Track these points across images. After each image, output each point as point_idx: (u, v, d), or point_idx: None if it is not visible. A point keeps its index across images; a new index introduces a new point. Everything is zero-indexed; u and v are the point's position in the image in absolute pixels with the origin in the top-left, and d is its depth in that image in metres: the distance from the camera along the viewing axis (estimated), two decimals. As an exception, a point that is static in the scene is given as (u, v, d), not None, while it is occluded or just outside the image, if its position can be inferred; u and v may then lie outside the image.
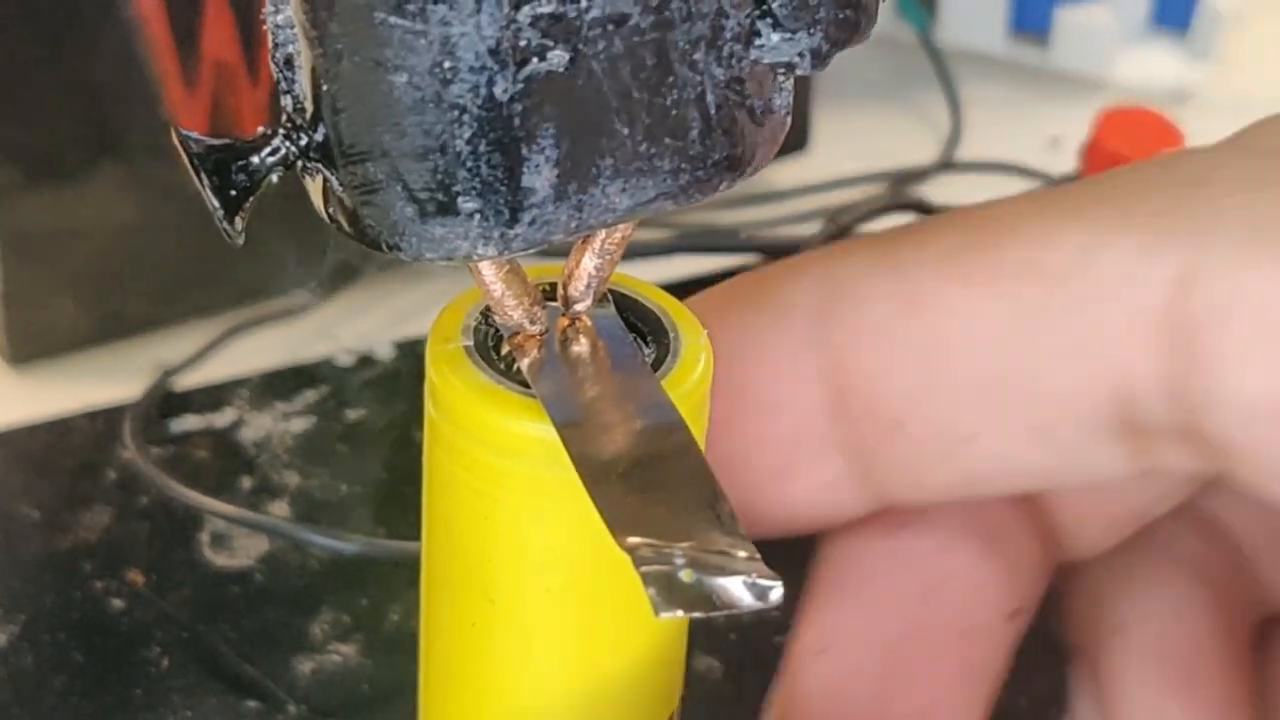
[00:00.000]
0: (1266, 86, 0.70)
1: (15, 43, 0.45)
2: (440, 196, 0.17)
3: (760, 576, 0.17)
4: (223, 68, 0.48)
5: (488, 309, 0.20)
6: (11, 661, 0.39)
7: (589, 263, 0.20)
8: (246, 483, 0.44)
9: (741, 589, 0.17)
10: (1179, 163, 0.20)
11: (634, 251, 0.53)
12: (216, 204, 0.18)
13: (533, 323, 0.20)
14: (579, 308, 0.20)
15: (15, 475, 0.44)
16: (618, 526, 0.17)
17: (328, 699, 0.38)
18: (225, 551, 0.42)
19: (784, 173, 0.61)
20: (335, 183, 0.18)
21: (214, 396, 0.47)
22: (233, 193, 0.18)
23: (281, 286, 0.52)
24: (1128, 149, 0.54)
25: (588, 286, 0.20)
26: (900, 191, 0.60)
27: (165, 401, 0.47)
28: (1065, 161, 0.58)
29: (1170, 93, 0.67)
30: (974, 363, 0.20)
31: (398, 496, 0.43)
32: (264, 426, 0.46)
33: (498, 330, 0.20)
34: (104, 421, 0.46)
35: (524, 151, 0.17)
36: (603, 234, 0.20)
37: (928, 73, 0.67)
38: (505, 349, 0.20)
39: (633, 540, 0.17)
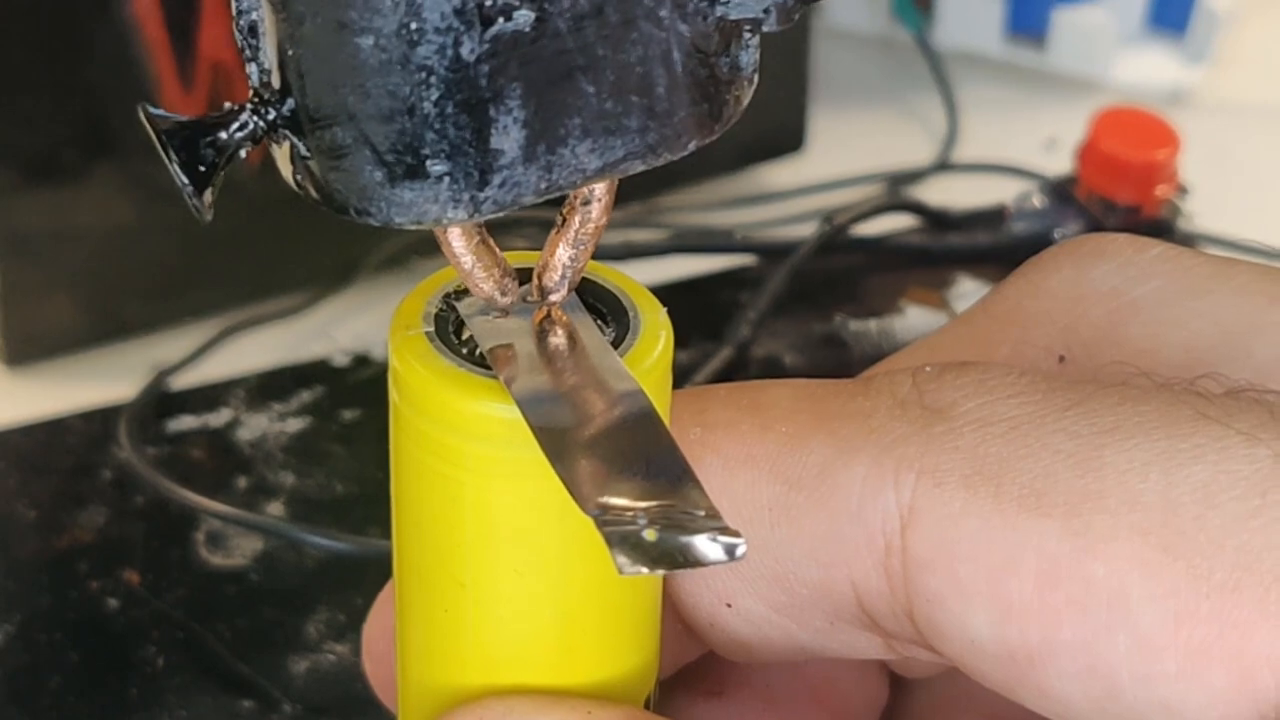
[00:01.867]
0: (1262, 88, 0.70)
1: (12, 44, 0.45)
2: (409, 159, 0.17)
3: (723, 534, 0.17)
4: (220, 68, 0.48)
5: (448, 295, 0.20)
6: (8, 661, 0.39)
7: (564, 253, 0.20)
8: (242, 483, 0.44)
9: (707, 544, 0.17)
10: (930, 388, 0.21)
11: (630, 252, 0.53)
12: (185, 180, 0.18)
13: (504, 294, 0.20)
14: (554, 298, 0.20)
15: (11, 475, 0.44)
16: (581, 494, 0.18)
17: (322, 698, 0.38)
18: (221, 551, 0.42)
19: (780, 173, 0.61)
20: (302, 149, 0.18)
21: (210, 397, 0.47)
22: (201, 169, 0.18)
23: (278, 287, 0.52)
24: (1123, 150, 0.54)
25: (562, 277, 0.20)
26: (897, 192, 0.60)
27: (161, 402, 0.47)
28: (1061, 162, 0.58)
29: (1166, 94, 0.67)
30: None
31: (393, 496, 0.43)
32: (260, 427, 0.46)
33: (459, 316, 0.20)
34: (100, 422, 0.46)
35: (492, 112, 0.17)
36: (576, 223, 0.20)
37: (924, 74, 0.67)
38: (466, 334, 0.20)
39: (596, 503, 0.17)
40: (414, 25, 0.16)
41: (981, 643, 0.20)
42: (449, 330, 0.20)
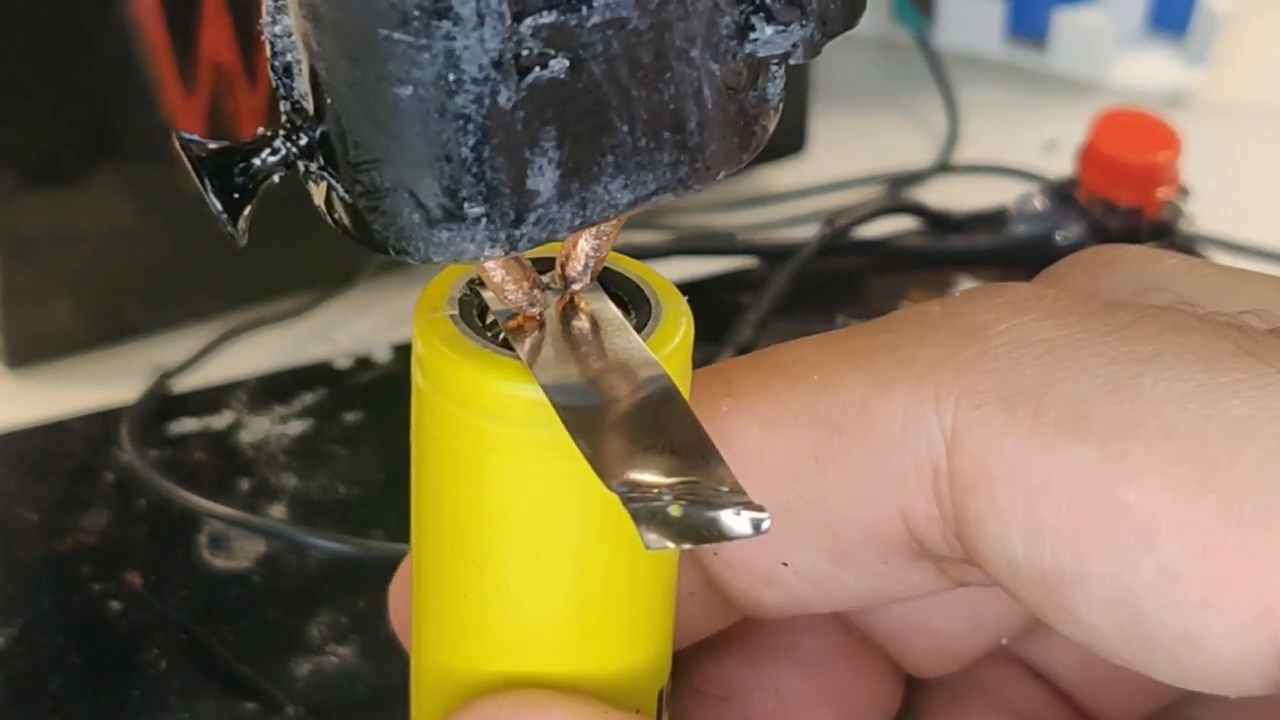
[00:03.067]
0: (1262, 90, 0.70)
1: (14, 46, 0.45)
2: (447, 203, 0.17)
3: (747, 509, 0.17)
4: (221, 70, 0.48)
5: (472, 281, 0.21)
6: (10, 663, 0.39)
7: (586, 244, 0.20)
8: (244, 485, 0.44)
9: (733, 518, 0.17)
10: (962, 311, 0.21)
11: (632, 254, 0.53)
12: (219, 206, 0.18)
13: (531, 305, 0.20)
14: (576, 287, 0.21)
15: (13, 478, 0.44)
16: (606, 470, 0.18)
17: (325, 700, 0.38)
18: (223, 553, 0.42)
19: (782, 175, 0.61)
20: (340, 189, 0.18)
21: (212, 399, 0.47)
22: (235, 195, 0.19)
23: (279, 289, 0.52)
24: (1124, 152, 0.54)
25: (585, 268, 0.20)
26: (897, 194, 0.60)
27: (163, 404, 0.47)
28: (1062, 164, 0.58)
29: (1167, 96, 0.67)
30: (774, 495, 0.21)
31: (395, 499, 0.43)
32: (262, 429, 0.46)
33: (481, 300, 0.20)
34: (102, 424, 0.46)
35: (527, 155, 0.17)
36: None
37: (925, 76, 0.67)
38: (490, 317, 0.20)
39: (621, 480, 0.17)
40: (452, 77, 0.17)
41: (1017, 564, 0.20)
42: (473, 314, 0.20)
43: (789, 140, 0.61)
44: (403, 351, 0.49)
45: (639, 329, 0.20)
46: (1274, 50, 0.73)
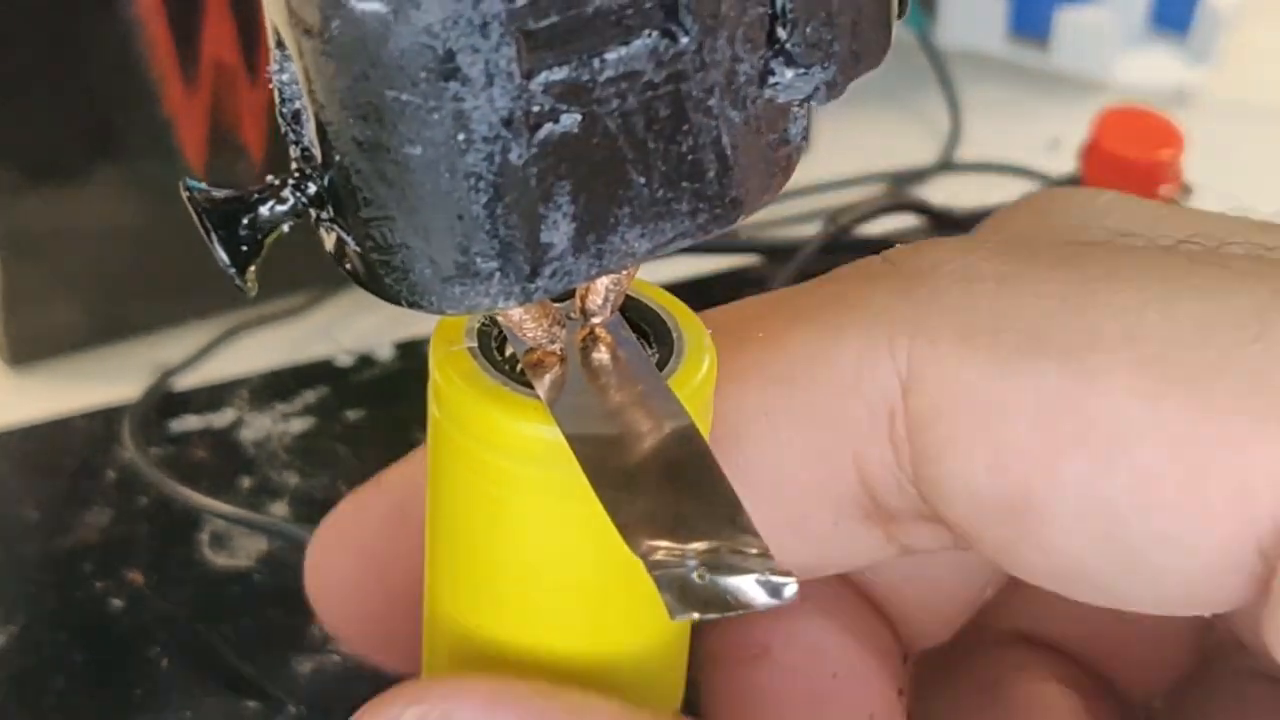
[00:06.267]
0: (1265, 88, 0.70)
1: (14, 44, 0.45)
2: (460, 259, 0.17)
3: (774, 574, 0.17)
4: (222, 68, 0.48)
5: None
6: (12, 661, 0.39)
7: (606, 278, 0.20)
8: (246, 483, 0.44)
9: (756, 588, 0.17)
10: (906, 258, 0.21)
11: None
12: (226, 260, 0.18)
13: (551, 341, 0.20)
14: (596, 320, 0.20)
15: (15, 476, 0.44)
16: (630, 532, 0.17)
17: (326, 699, 0.38)
18: (225, 552, 0.42)
19: (783, 174, 0.61)
20: (351, 241, 0.18)
21: (213, 397, 0.47)
22: (243, 248, 0.18)
23: (281, 287, 0.52)
24: (1127, 150, 0.54)
25: (605, 301, 0.20)
26: (900, 192, 0.60)
27: (165, 402, 0.47)
28: (1065, 162, 0.58)
29: (1170, 94, 0.67)
30: (731, 457, 0.20)
31: (397, 497, 0.43)
32: (263, 427, 0.46)
33: (501, 331, 0.20)
34: (104, 422, 0.46)
35: (541, 210, 0.17)
36: None
37: (927, 74, 0.67)
38: (509, 349, 0.20)
39: (645, 545, 0.17)
40: (462, 136, 0.16)
41: (980, 498, 0.19)
42: (491, 345, 0.20)
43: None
44: (405, 349, 0.49)
45: (661, 363, 0.20)
46: (1277, 48, 0.73)
